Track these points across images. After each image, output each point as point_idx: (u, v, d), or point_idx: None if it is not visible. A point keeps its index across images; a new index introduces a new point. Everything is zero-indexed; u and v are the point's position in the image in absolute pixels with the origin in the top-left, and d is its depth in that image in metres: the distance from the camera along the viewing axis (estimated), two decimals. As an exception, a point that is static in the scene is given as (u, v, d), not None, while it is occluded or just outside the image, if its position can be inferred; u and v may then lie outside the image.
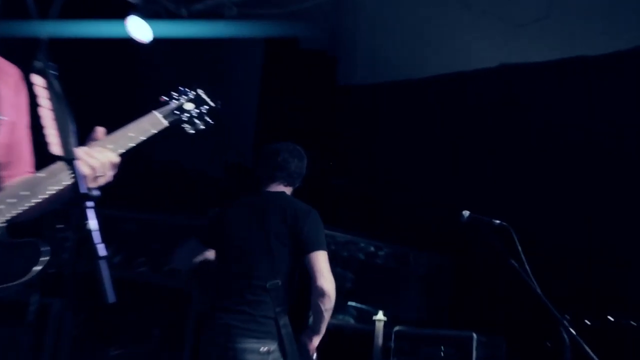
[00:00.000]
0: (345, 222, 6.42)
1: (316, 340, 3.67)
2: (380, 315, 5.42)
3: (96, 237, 1.87)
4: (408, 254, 6.45)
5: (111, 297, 1.84)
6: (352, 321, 5.98)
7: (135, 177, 5.60)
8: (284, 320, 3.56)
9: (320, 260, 3.57)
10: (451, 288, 6.71)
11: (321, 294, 3.53)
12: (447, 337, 5.31)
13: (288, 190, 3.87)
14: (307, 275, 3.57)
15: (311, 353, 3.61)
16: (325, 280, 3.53)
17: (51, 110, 2.03)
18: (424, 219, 6.51)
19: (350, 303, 5.72)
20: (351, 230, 6.19)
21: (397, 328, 5.50)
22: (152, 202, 6.27)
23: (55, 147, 2.01)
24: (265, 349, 3.50)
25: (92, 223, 1.90)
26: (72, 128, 2.03)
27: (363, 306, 5.73)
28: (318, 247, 3.62)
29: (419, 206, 6.57)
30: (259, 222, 3.68)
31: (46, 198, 2.19)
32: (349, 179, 6.45)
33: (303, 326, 3.69)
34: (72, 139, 2.01)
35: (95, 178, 2.20)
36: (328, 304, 3.57)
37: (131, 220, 5.88)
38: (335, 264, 5.47)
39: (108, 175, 2.24)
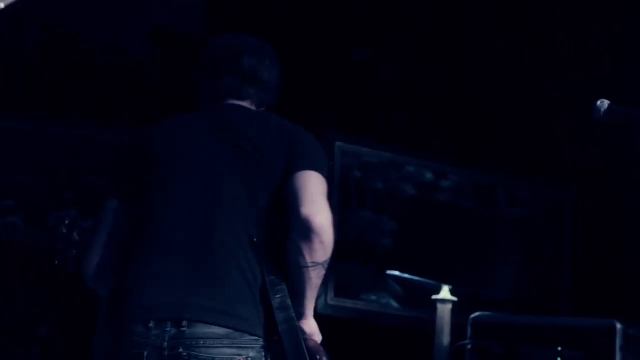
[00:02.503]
0: (380, 129, 5.39)
1: (308, 326, 2.83)
2: (445, 294, 4.64)
3: None
4: (494, 184, 5.67)
5: None
6: (394, 304, 5.33)
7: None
8: (281, 298, 2.78)
9: (313, 183, 2.87)
10: (573, 244, 5.73)
11: (307, 230, 2.75)
12: (568, 329, 4.49)
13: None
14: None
15: (314, 351, 2.81)
16: (317, 208, 2.80)
17: None
18: (521, 119, 5.50)
19: (390, 272, 4.79)
20: (391, 143, 5.32)
21: (476, 315, 4.48)
22: (23, 99, 4.99)
23: None
24: (242, 357, 2.69)
25: None
26: None
27: (414, 278, 4.78)
28: (313, 167, 2.90)
29: (513, 95, 5.49)
30: (227, 138, 2.94)
31: None
32: (376, 49, 5.48)
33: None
34: None
35: None
36: (318, 252, 2.77)
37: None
38: (362, 203, 5.16)
39: None
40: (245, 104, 3.09)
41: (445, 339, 4.46)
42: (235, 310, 2.72)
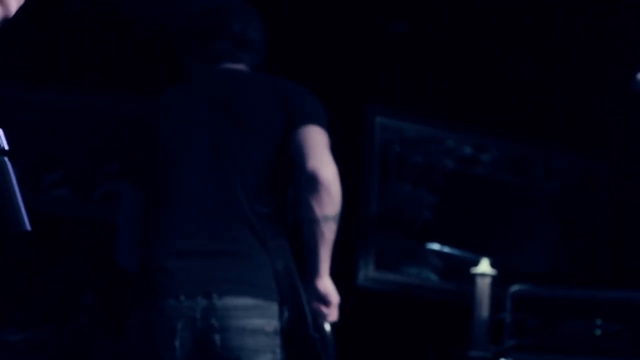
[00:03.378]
0: (418, 103, 5.29)
1: (322, 285, 2.76)
2: (484, 267, 4.54)
3: None
4: (533, 157, 5.60)
5: (23, 222, 1.48)
6: (433, 277, 5.28)
7: (38, 29, 4.53)
8: (285, 263, 2.76)
9: (316, 137, 2.83)
10: (610, 215, 5.63)
11: (314, 184, 2.74)
12: (607, 301, 4.43)
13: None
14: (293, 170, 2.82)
15: (321, 314, 2.76)
16: (322, 162, 2.78)
17: None
18: (558, 90, 5.39)
19: (429, 246, 4.85)
20: (430, 117, 5.28)
21: (515, 288, 4.46)
22: (66, 73, 4.86)
23: None
24: (272, 327, 2.67)
25: None
26: None
27: (453, 251, 4.82)
28: (314, 121, 2.85)
29: (549, 66, 5.35)
30: (225, 109, 2.90)
31: None
32: (413, 22, 5.31)
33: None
34: None
35: None
36: (327, 205, 2.75)
37: (33, 105, 4.70)
38: (401, 177, 5.13)
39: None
40: (240, 66, 3.04)
41: (484, 311, 4.39)
42: (260, 280, 2.71)
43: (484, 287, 4.45)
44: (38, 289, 4.59)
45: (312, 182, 2.75)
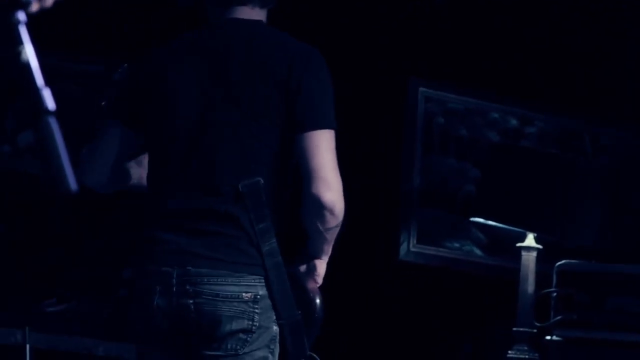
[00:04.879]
0: (461, 74, 5.21)
1: (321, 266, 2.94)
2: (530, 241, 4.47)
3: (38, 76, 1.46)
4: (581, 131, 5.47)
5: (72, 182, 1.46)
6: (476, 251, 5.23)
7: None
8: (270, 245, 2.82)
9: (322, 148, 2.82)
10: None
11: (318, 207, 2.81)
12: None
13: (262, 15, 2.99)
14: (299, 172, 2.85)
15: (310, 291, 2.89)
16: (325, 183, 2.81)
17: None
18: (609, 63, 5.28)
19: (473, 219, 4.67)
20: (474, 88, 5.21)
21: (561, 263, 4.39)
22: (83, 42, 4.77)
23: None
24: (249, 294, 2.75)
25: (29, 50, 1.45)
26: None
27: (498, 225, 4.66)
28: (320, 124, 2.83)
29: (598, 38, 5.23)
30: (219, 78, 2.88)
31: None
32: None
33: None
34: None
35: None
36: (331, 222, 2.85)
37: (69, 75, 4.68)
38: (445, 150, 5.14)
39: None
40: (247, 10, 2.93)
41: (530, 287, 4.33)
42: (232, 257, 2.77)
43: (529, 261, 4.41)
44: (78, 262, 4.60)
45: (315, 206, 2.82)
